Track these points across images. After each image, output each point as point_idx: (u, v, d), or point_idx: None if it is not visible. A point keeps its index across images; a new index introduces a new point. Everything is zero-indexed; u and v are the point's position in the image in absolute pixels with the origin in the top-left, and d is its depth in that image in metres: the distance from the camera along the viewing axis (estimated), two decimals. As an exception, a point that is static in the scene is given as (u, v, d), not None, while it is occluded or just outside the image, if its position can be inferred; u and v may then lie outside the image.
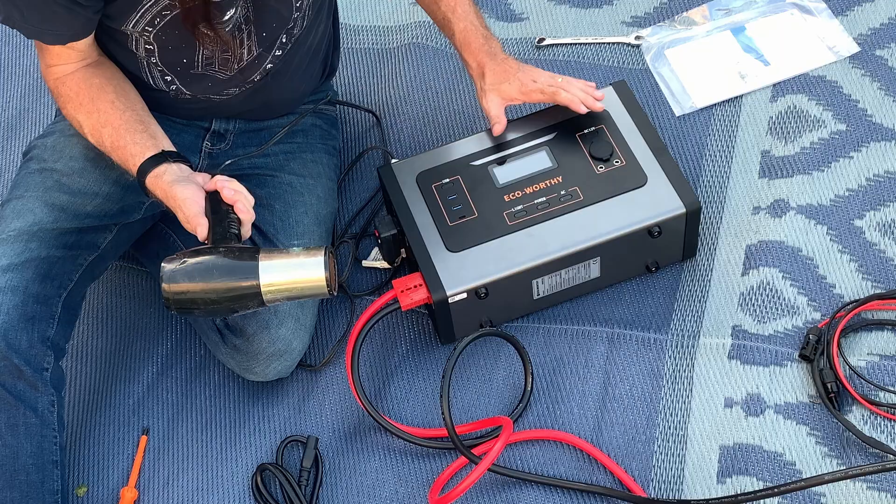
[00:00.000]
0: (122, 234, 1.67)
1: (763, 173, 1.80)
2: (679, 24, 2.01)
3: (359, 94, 2.04)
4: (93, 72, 1.56)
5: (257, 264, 1.43)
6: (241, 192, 1.47)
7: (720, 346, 1.65)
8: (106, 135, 1.53)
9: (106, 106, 1.54)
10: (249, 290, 1.43)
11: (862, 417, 1.55)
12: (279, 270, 1.44)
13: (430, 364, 1.72)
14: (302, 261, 1.45)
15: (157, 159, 1.50)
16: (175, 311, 1.44)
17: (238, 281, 1.42)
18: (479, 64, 1.68)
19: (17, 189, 1.63)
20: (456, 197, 1.69)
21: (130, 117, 1.54)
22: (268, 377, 1.68)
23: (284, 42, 1.59)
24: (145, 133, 1.53)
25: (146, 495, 1.68)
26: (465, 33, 1.69)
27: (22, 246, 1.55)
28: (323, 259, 1.44)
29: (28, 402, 1.51)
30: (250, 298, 1.43)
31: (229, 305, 1.44)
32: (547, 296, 1.69)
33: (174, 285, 1.42)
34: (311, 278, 1.44)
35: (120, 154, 1.53)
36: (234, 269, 1.42)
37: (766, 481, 1.53)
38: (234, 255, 1.43)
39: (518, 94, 1.68)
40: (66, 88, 1.55)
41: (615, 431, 1.61)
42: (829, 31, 1.93)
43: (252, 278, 1.42)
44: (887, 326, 1.61)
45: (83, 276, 1.62)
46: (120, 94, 1.56)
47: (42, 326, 1.54)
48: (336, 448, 1.67)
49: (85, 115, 1.55)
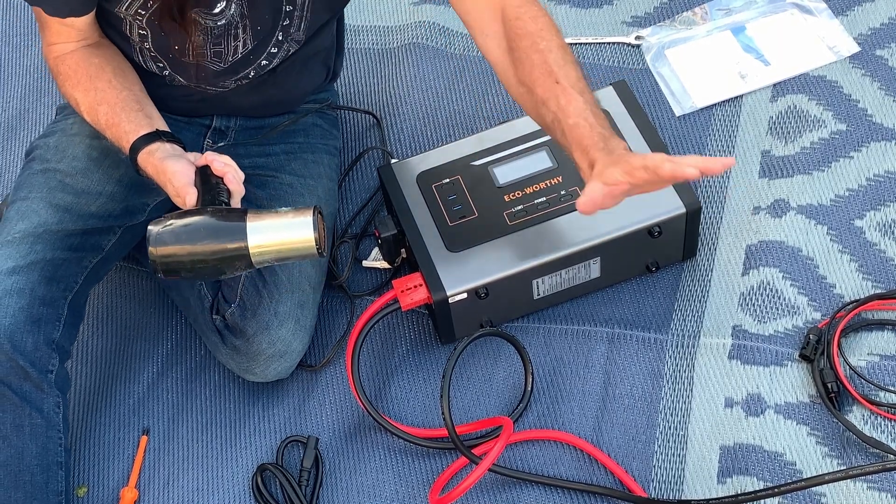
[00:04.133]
0: (125, 237, 1.67)
1: (763, 173, 1.80)
2: (679, 23, 2.00)
3: (359, 94, 2.04)
4: (92, 51, 1.57)
5: (245, 225, 1.40)
6: (230, 164, 1.46)
7: (720, 346, 1.65)
8: (101, 112, 1.54)
9: (103, 84, 1.54)
10: (237, 251, 1.40)
11: (862, 417, 1.55)
12: (267, 231, 1.41)
13: (431, 364, 1.72)
14: (290, 221, 1.42)
15: (150, 137, 1.50)
16: (162, 274, 1.41)
17: (226, 242, 1.40)
18: (591, 161, 1.37)
19: (20, 190, 1.63)
20: (456, 197, 1.69)
21: (127, 96, 1.55)
22: (268, 378, 1.68)
23: (281, 40, 1.59)
24: (140, 112, 1.54)
25: (146, 495, 1.68)
26: (577, 129, 1.38)
27: (27, 248, 1.55)
28: (312, 219, 1.42)
29: (34, 404, 1.51)
30: (238, 260, 1.41)
31: (217, 266, 1.41)
32: (547, 296, 1.69)
33: (161, 248, 1.39)
34: (300, 238, 1.42)
35: (114, 131, 1.53)
36: (222, 230, 1.40)
37: (766, 481, 1.53)
38: (222, 216, 1.41)
39: (621, 175, 1.32)
40: (65, 66, 1.56)
41: (615, 431, 1.61)
42: (830, 31, 1.93)
43: (240, 239, 1.40)
44: (888, 326, 1.61)
45: (88, 279, 1.62)
46: (118, 73, 1.57)
47: (48, 329, 1.54)
48: (336, 448, 1.67)
49: (82, 92, 1.55)
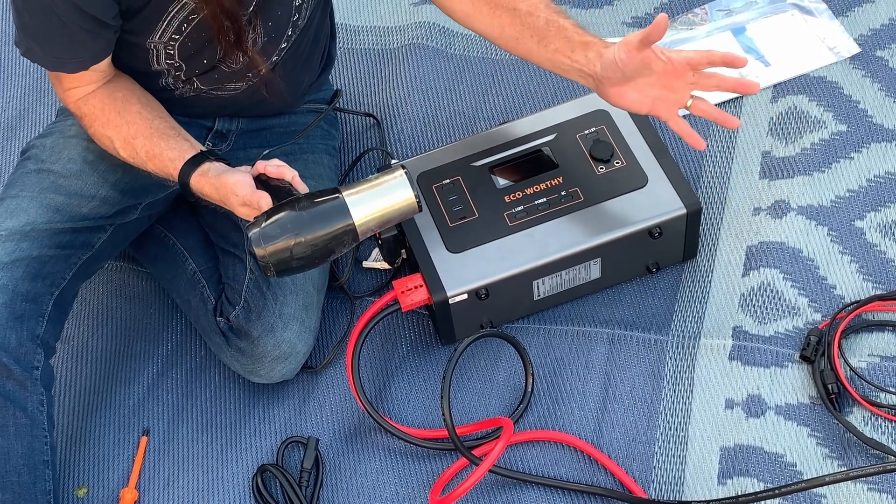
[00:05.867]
0: (117, 234, 1.66)
1: (764, 174, 1.80)
2: (679, 24, 2.00)
3: (359, 95, 2.03)
4: (114, 86, 1.56)
5: (345, 202, 1.41)
6: (283, 165, 1.48)
7: (721, 347, 1.64)
8: (139, 145, 1.53)
9: (133, 117, 1.53)
10: (344, 228, 1.41)
11: (863, 419, 1.55)
12: (368, 202, 1.43)
13: (431, 365, 1.72)
14: (387, 185, 1.44)
15: (198, 159, 1.50)
16: (275, 273, 1.41)
17: (331, 223, 1.41)
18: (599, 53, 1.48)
19: (11, 188, 1.62)
20: (456, 197, 1.69)
21: (160, 125, 1.54)
22: (273, 379, 1.68)
23: (290, 34, 1.59)
24: (179, 137, 1.53)
25: (146, 496, 1.68)
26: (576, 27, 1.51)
27: (13, 245, 1.54)
28: (406, 178, 1.43)
29: (17, 402, 1.50)
30: (346, 236, 1.42)
31: (327, 247, 1.42)
32: (547, 297, 1.69)
33: (270, 245, 1.39)
34: (401, 200, 1.45)
35: (157, 162, 1.52)
36: (325, 212, 1.40)
37: (766, 482, 1.53)
38: (318, 199, 1.41)
39: None
40: (89, 108, 1.55)
41: (616, 432, 1.60)
42: (830, 32, 1.93)
43: (344, 216, 1.41)
44: (888, 327, 1.61)
45: (76, 276, 1.61)
46: (144, 104, 1.56)
47: (31, 324, 1.53)
48: (336, 449, 1.67)
49: (114, 129, 1.54)
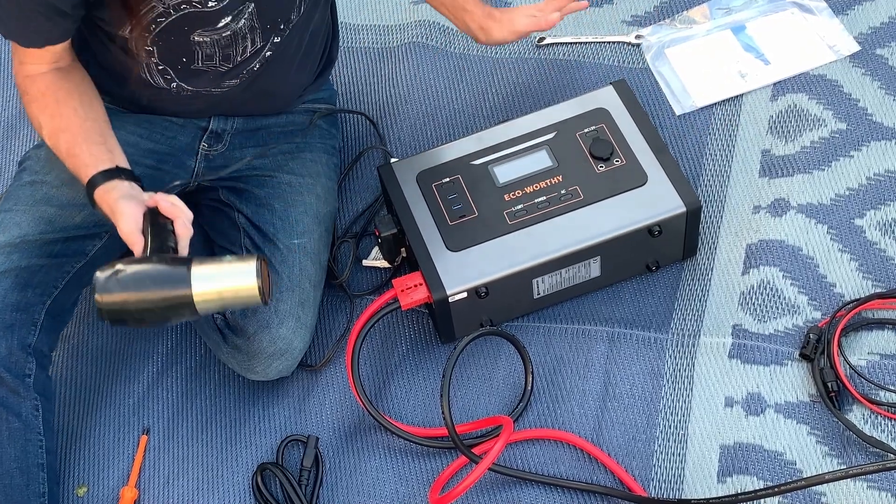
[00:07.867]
0: (113, 241, 1.66)
1: (763, 172, 1.80)
2: (679, 23, 2.00)
3: (358, 94, 2.03)
4: (63, 76, 1.55)
5: (189, 273, 1.40)
6: (178, 206, 1.45)
7: (720, 345, 1.64)
8: (63, 140, 1.52)
9: (69, 112, 1.53)
10: (182, 299, 1.40)
11: (862, 417, 1.55)
12: (212, 279, 1.41)
13: (431, 363, 1.72)
14: (234, 268, 1.42)
15: (110, 174, 1.49)
16: (108, 320, 1.41)
17: (170, 290, 1.40)
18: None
19: (6, 202, 1.63)
20: (456, 196, 1.69)
21: (90, 127, 1.53)
22: (269, 376, 1.68)
23: (283, 29, 1.59)
24: (103, 146, 1.52)
25: (146, 495, 1.68)
26: None
27: (3, 258, 1.55)
28: (255, 266, 1.42)
29: (10, 408, 1.51)
30: (183, 307, 1.41)
31: (163, 314, 1.41)
32: (547, 295, 1.69)
33: (107, 295, 1.39)
34: (243, 286, 1.42)
35: (73, 161, 1.52)
36: (167, 278, 1.40)
37: (766, 481, 1.53)
38: (167, 264, 1.41)
39: None
40: (34, 88, 1.55)
41: (615, 431, 1.60)
42: (830, 30, 1.93)
43: (184, 287, 1.40)
44: (888, 325, 1.61)
45: (71, 284, 1.61)
46: (85, 102, 1.55)
47: (22, 333, 1.53)
48: (336, 447, 1.67)
49: (48, 117, 1.54)
